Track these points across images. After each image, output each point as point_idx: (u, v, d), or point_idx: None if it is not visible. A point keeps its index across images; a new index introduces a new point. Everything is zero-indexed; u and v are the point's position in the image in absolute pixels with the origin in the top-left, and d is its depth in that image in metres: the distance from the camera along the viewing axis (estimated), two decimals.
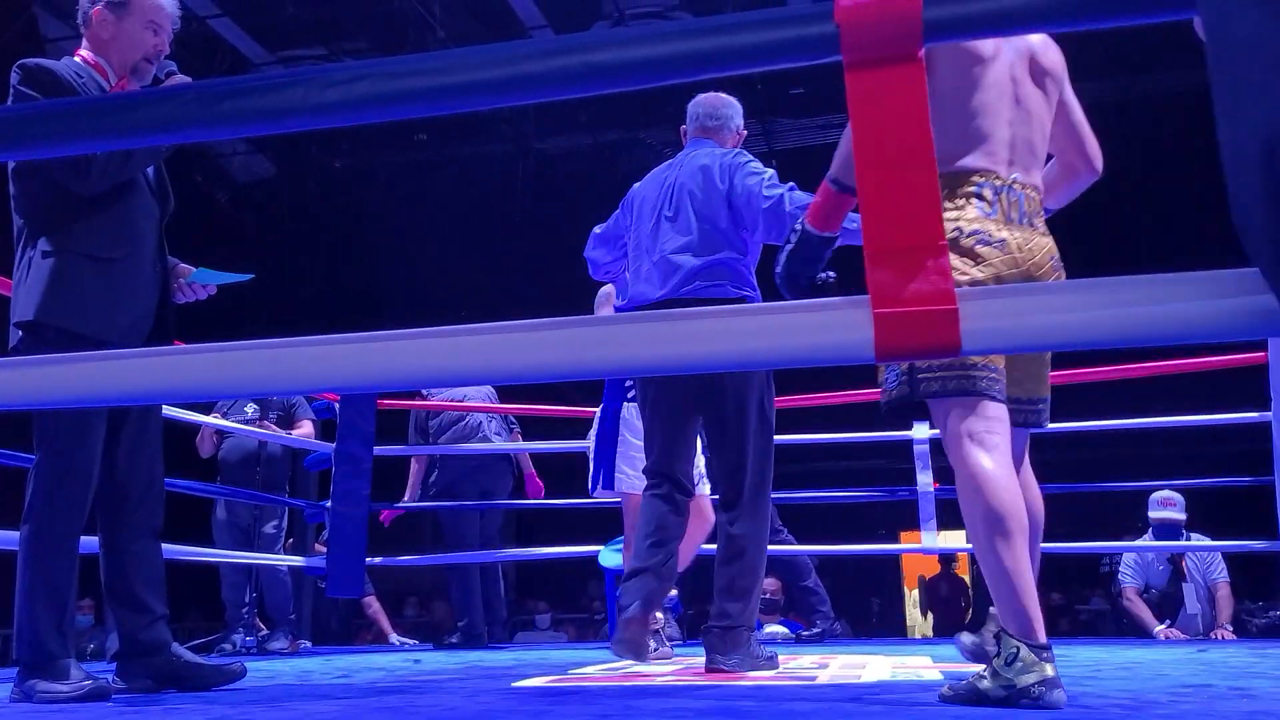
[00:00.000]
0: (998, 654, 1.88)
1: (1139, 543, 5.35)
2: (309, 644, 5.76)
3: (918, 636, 11.46)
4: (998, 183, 2.05)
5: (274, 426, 5.25)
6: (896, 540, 9.54)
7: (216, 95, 1.20)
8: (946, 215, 2.04)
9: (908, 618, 13.50)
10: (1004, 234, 2.02)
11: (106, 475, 2.57)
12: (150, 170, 2.67)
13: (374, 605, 6.74)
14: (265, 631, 5.39)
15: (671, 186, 3.16)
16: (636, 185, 3.30)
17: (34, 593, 2.41)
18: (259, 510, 5.27)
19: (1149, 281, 0.93)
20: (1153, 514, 5.33)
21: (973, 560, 12.40)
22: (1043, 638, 1.86)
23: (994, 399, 2.02)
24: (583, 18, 8.20)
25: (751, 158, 3.15)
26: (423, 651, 5.01)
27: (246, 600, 5.19)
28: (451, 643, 5.10)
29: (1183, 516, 5.24)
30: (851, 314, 0.98)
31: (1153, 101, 8.74)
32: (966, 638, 2.84)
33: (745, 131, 3.38)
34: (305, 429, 5.43)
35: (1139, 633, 5.25)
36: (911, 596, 13.77)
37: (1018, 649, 1.84)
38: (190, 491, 4.67)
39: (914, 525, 4.83)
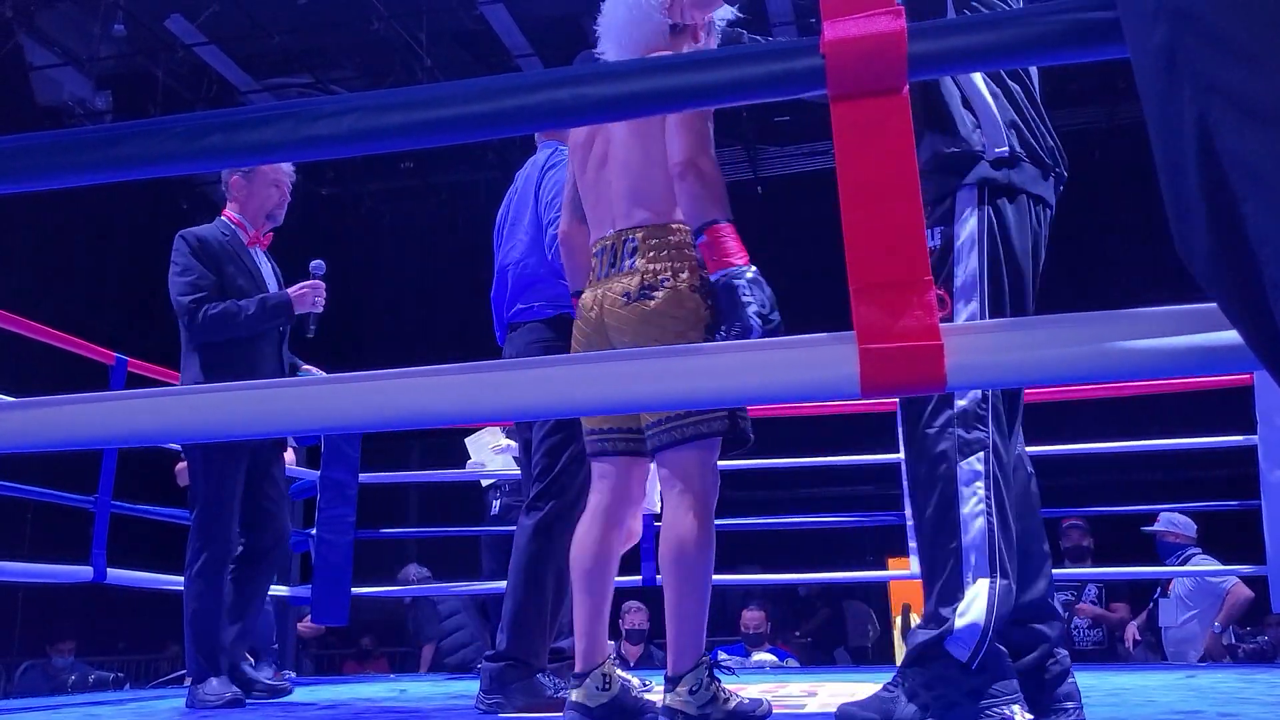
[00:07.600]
0: None
1: (1124, 569, 5.36)
2: (293, 674, 5.69)
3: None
4: (599, 246, 2.24)
5: None
6: (884, 566, 9.48)
7: (203, 128, 1.19)
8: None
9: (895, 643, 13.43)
10: (588, 297, 2.23)
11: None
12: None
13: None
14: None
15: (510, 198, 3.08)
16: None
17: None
18: None
19: (1136, 316, 0.93)
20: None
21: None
22: (579, 667, 2.17)
23: (606, 456, 2.24)
24: (570, 46, 8.23)
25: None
26: (406, 681, 4.96)
27: None
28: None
29: (1167, 528, 5.31)
30: (837, 350, 0.97)
31: (1144, 126, 8.83)
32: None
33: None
34: (287, 455, 5.37)
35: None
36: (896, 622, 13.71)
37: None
38: (171, 520, 4.63)
39: (901, 551, 4.80)
